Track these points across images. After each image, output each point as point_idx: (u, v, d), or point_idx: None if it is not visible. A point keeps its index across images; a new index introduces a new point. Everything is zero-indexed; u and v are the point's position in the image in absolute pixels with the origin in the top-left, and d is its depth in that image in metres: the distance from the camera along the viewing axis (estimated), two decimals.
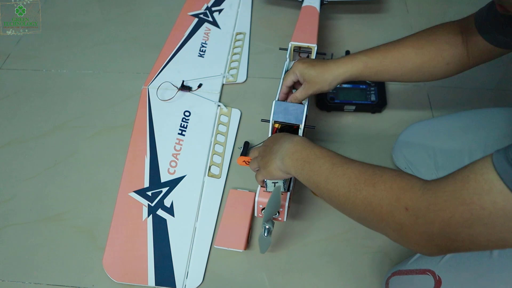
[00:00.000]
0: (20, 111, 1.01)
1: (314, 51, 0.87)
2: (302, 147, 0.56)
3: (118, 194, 0.82)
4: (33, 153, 0.92)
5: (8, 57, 1.13)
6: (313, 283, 0.71)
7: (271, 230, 0.64)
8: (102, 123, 0.96)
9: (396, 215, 0.43)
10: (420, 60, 0.66)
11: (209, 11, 1.21)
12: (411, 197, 0.42)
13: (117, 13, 1.25)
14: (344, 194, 0.49)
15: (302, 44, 0.87)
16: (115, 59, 1.11)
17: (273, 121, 0.72)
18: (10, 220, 0.82)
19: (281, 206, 0.65)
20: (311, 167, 0.53)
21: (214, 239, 0.76)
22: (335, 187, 0.50)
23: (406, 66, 0.67)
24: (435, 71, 0.67)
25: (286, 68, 0.84)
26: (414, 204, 0.42)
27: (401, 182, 0.44)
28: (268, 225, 0.63)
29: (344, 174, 0.50)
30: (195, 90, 0.99)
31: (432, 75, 0.68)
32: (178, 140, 0.90)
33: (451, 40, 0.65)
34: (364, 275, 0.72)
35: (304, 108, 0.72)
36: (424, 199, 0.41)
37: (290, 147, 0.57)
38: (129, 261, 0.74)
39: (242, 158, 0.73)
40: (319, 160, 0.53)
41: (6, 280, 0.74)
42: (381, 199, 0.44)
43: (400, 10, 1.18)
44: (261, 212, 0.67)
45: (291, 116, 0.70)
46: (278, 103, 0.73)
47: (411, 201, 0.42)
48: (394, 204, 0.43)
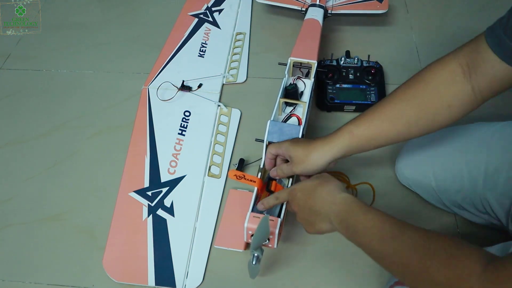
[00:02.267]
0: (20, 111, 1.01)
1: (314, 67, 0.84)
2: (347, 213, 0.54)
3: (118, 194, 0.82)
4: (33, 153, 0.92)
5: (8, 57, 1.13)
6: (313, 283, 0.71)
7: (260, 258, 0.61)
8: (102, 123, 0.96)
9: None
10: (415, 111, 0.58)
11: (209, 11, 1.21)
12: (471, 285, 0.39)
13: (117, 13, 1.25)
14: (398, 272, 0.48)
15: (302, 60, 0.84)
16: (115, 59, 1.11)
17: (267, 141, 0.71)
18: (10, 220, 0.82)
19: (271, 233, 0.62)
20: (361, 239, 0.52)
21: (214, 239, 0.76)
22: (387, 264, 0.49)
23: (399, 123, 0.59)
24: (436, 119, 0.58)
25: (285, 85, 0.83)
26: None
27: (456, 269, 0.41)
28: (256, 253, 0.61)
29: (395, 253, 0.47)
30: (195, 90, 0.99)
31: (435, 124, 0.59)
32: (178, 140, 0.90)
33: (448, 77, 0.56)
34: (362, 274, 0.72)
35: (300, 129, 0.71)
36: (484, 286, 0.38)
37: (335, 213, 0.55)
38: (129, 261, 0.74)
39: (234, 172, 0.71)
40: (367, 232, 0.51)
41: (6, 280, 0.74)
42: (438, 283, 0.42)
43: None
44: (250, 238, 0.64)
45: (286, 137, 0.67)
46: (273, 123, 0.71)
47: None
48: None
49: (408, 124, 0.59)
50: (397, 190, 0.81)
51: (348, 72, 0.96)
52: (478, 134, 0.69)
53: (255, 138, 0.79)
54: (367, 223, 0.51)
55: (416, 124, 0.59)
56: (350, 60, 0.98)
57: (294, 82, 0.83)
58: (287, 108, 0.82)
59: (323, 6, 1.04)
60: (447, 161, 0.70)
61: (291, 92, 0.81)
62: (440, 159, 0.71)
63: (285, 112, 0.81)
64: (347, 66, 0.97)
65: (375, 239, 0.50)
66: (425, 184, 0.73)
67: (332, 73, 0.96)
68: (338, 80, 0.95)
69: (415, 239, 0.46)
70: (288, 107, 0.82)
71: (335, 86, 0.94)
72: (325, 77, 0.96)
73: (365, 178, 0.82)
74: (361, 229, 0.51)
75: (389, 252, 0.48)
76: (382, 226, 0.49)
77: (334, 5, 1.08)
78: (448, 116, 0.58)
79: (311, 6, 1.05)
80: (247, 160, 0.86)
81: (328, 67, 0.97)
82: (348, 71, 0.97)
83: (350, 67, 0.97)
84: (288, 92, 0.81)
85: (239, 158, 0.86)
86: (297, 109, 0.81)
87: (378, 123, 0.60)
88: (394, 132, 0.60)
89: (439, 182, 0.71)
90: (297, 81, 0.84)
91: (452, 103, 0.56)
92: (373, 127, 0.61)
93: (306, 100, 0.82)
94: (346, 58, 0.98)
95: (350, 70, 0.97)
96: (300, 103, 0.79)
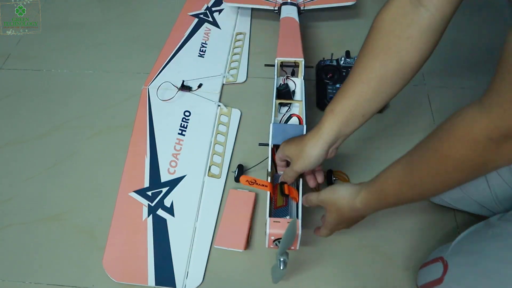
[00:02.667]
0: (20, 111, 1.01)
1: (302, 65, 0.84)
2: (371, 197, 0.57)
3: (118, 194, 0.82)
4: (33, 153, 0.92)
5: (8, 57, 1.13)
6: (313, 283, 0.71)
7: (287, 262, 0.60)
8: (102, 123, 0.96)
9: (479, 147, 0.41)
10: (379, 60, 0.57)
11: (209, 11, 1.21)
12: (481, 127, 0.40)
13: (117, 13, 1.25)
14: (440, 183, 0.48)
15: (288, 59, 0.85)
16: (115, 59, 1.11)
17: (273, 145, 0.70)
18: (10, 220, 0.82)
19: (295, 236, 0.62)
20: (392, 200, 0.55)
21: (214, 239, 0.76)
22: (432, 188, 0.50)
23: (371, 78, 0.58)
24: (403, 58, 0.56)
25: (276, 86, 0.83)
26: (488, 131, 0.39)
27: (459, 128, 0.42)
28: (283, 257, 0.60)
29: (424, 180, 0.49)
30: (195, 90, 0.99)
31: (404, 64, 0.56)
32: (178, 140, 0.90)
33: (396, 13, 0.54)
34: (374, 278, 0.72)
35: (304, 128, 0.71)
36: (493, 119, 0.39)
37: (365, 209, 0.58)
38: (129, 261, 0.74)
39: (246, 178, 0.70)
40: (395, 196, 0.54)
41: (6, 280, 0.74)
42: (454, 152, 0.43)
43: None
44: (273, 244, 0.64)
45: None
46: (275, 126, 0.71)
47: (485, 132, 0.39)
48: (470, 141, 0.41)
49: (379, 76, 0.57)
50: None
51: (348, 72, 0.96)
52: None
53: (259, 142, 0.79)
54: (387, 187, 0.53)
55: (386, 72, 0.56)
56: (350, 60, 0.98)
57: (284, 82, 0.83)
58: (282, 108, 0.82)
59: (295, 3, 1.06)
60: None
61: (284, 92, 0.81)
62: None
63: (280, 112, 0.81)
64: (347, 66, 0.97)
65: (402, 192, 0.52)
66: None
67: (332, 73, 0.96)
68: (338, 80, 0.95)
69: (420, 155, 0.48)
70: (282, 107, 0.82)
71: (335, 86, 0.94)
72: (325, 77, 0.96)
73: (365, 178, 0.82)
74: (386, 197, 0.54)
75: (420, 182, 0.49)
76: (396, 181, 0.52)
77: (305, 1, 1.09)
78: (412, 49, 0.54)
79: (283, 5, 1.06)
80: (246, 166, 0.85)
81: (328, 67, 0.97)
82: (348, 71, 0.97)
83: (350, 67, 0.97)
84: (281, 93, 0.82)
85: (239, 158, 0.86)
86: (292, 108, 0.81)
87: (352, 90, 0.59)
88: (371, 91, 0.58)
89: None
90: (287, 80, 0.84)
91: (410, 34, 0.54)
92: (349, 95, 0.60)
93: (301, 98, 0.82)
94: (346, 58, 0.98)
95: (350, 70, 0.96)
96: (296, 102, 0.79)
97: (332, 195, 0.61)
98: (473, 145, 0.41)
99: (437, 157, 0.46)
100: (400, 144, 0.88)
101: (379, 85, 0.58)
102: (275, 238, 0.63)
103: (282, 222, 0.62)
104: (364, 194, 0.57)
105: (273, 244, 0.64)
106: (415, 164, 0.49)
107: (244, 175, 0.74)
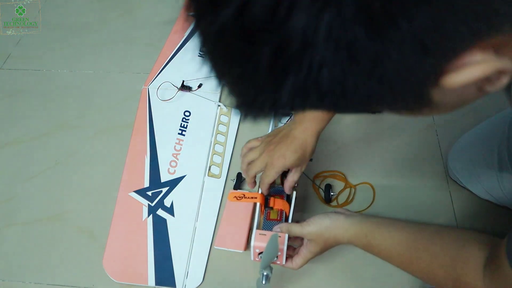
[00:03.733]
0: (20, 111, 1.01)
1: None
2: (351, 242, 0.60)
3: (118, 194, 0.82)
4: (33, 153, 0.92)
5: (8, 57, 1.13)
6: (314, 284, 0.71)
7: (270, 276, 0.60)
8: (102, 123, 0.96)
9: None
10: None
11: None
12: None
13: (117, 13, 1.24)
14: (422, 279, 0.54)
15: None
16: (115, 59, 1.11)
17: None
18: (10, 220, 0.82)
19: (279, 250, 0.61)
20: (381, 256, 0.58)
21: (214, 240, 0.75)
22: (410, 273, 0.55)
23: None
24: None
25: None
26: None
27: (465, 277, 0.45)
28: (266, 272, 0.59)
29: (415, 271, 0.53)
30: (195, 90, 0.99)
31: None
32: (178, 140, 0.90)
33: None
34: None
35: None
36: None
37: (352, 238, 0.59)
38: (129, 261, 0.74)
39: (233, 194, 0.69)
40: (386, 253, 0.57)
41: (6, 280, 0.74)
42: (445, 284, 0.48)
43: None
44: (258, 257, 0.63)
45: None
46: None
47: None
48: None
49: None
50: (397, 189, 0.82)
51: None
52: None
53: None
54: (383, 242, 0.56)
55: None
56: None
57: None
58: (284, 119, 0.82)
59: None
60: None
61: None
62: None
63: (282, 123, 0.81)
64: None
65: (394, 260, 0.56)
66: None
67: None
68: None
69: (430, 253, 0.51)
70: (284, 118, 0.82)
71: None
72: None
73: (365, 178, 0.82)
74: (377, 251, 0.57)
75: (411, 270, 0.54)
76: (393, 257, 0.55)
77: None
78: None
79: None
80: None
81: None
82: None
83: None
84: None
85: (238, 158, 0.85)
86: (293, 118, 0.81)
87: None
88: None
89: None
90: None
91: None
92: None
93: None
94: None
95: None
96: None
97: (320, 227, 0.60)
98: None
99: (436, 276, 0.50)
100: (399, 144, 0.88)
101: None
102: (260, 251, 0.62)
103: (268, 235, 0.61)
104: (352, 237, 0.59)
105: (258, 257, 0.63)
106: (414, 261, 0.53)
107: (232, 191, 0.75)
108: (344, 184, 0.82)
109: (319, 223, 0.61)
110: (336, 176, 0.83)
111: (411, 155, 0.86)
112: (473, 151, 0.76)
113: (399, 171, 0.84)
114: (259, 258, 0.63)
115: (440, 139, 0.87)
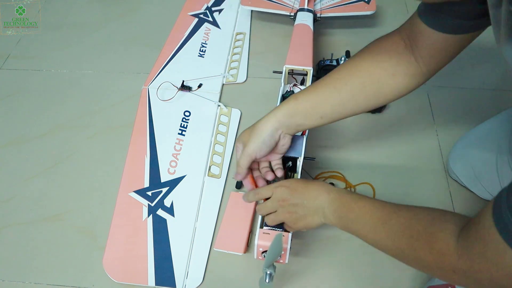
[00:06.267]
0: (20, 111, 1.01)
1: (310, 74, 0.83)
2: (340, 203, 0.55)
3: (118, 194, 0.82)
4: (33, 153, 0.92)
5: (8, 57, 1.13)
6: (315, 283, 0.71)
7: (273, 275, 0.60)
8: (102, 123, 0.96)
9: (448, 275, 0.44)
10: (359, 79, 0.58)
11: (209, 11, 1.21)
12: (451, 261, 0.43)
13: (117, 13, 1.25)
14: (393, 255, 0.50)
15: (297, 67, 0.84)
16: (115, 59, 1.11)
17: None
18: (10, 220, 0.82)
19: (283, 249, 0.61)
20: (355, 227, 0.54)
21: (214, 242, 0.75)
22: (382, 248, 0.51)
23: (344, 89, 0.59)
24: (381, 88, 0.59)
25: (282, 93, 0.82)
26: (457, 267, 0.42)
27: (437, 243, 0.44)
28: (269, 271, 0.59)
29: (387, 237, 0.50)
30: (195, 90, 0.99)
31: (380, 94, 0.59)
32: (178, 140, 0.90)
33: (391, 48, 0.57)
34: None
35: (303, 140, 0.71)
36: (462, 263, 0.42)
37: (328, 205, 0.56)
38: (129, 261, 0.74)
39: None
40: (360, 219, 0.53)
41: (6, 280, 0.74)
42: (428, 262, 0.45)
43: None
44: (261, 255, 0.63)
45: (289, 148, 0.67)
46: None
47: (454, 265, 0.43)
48: (440, 266, 0.44)
49: (352, 91, 0.59)
50: (397, 189, 0.82)
51: None
52: None
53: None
54: (358, 210, 0.53)
55: (361, 91, 0.59)
56: None
57: (291, 89, 0.83)
58: None
59: (311, 10, 1.03)
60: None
61: None
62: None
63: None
64: None
65: (367, 226, 0.52)
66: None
67: None
68: None
69: (402, 222, 0.49)
70: None
71: None
72: None
73: (363, 178, 0.82)
74: (353, 218, 0.54)
75: (382, 237, 0.50)
76: (373, 212, 0.52)
77: (322, 8, 1.07)
78: (393, 86, 0.59)
79: (300, 11, 1.04)
80: None
81: (328, 67, 0.97)
82: None
83: None
84: None
85: None
86: None
87: (322, 89, 0.60)
88: (338, 99, 0.59)
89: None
90: (293, 88, 0.84)
91: (396, 72, 0.57)
92: (317, 92, 0.60)
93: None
94: (346, 58, 0.98)
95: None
96: None
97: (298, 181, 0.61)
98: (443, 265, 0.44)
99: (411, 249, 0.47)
100: (399, 144, 0.88)
101: (348, 99, 0.60)
102: (263, 250, 0.62)
103: (272, 234, 0.61)
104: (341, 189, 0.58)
105: (261, 255, 0.63)
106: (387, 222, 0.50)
107: (234, 192, 0.74)
108: (344, 184, 0.82)
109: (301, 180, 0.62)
110: (336, 176, 0.83)
111: (411, 155, 0.86)
112: (473, 151, 0.76)
113: (399, 171, 0.84)
114: (262, 257, 0.63)
115: (440, 139, 0.88)
